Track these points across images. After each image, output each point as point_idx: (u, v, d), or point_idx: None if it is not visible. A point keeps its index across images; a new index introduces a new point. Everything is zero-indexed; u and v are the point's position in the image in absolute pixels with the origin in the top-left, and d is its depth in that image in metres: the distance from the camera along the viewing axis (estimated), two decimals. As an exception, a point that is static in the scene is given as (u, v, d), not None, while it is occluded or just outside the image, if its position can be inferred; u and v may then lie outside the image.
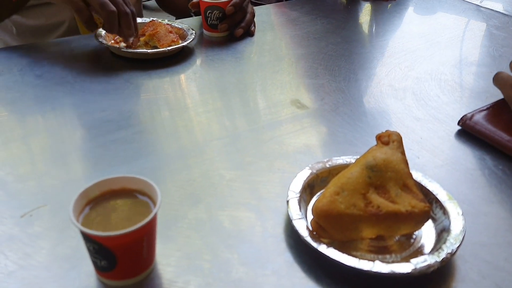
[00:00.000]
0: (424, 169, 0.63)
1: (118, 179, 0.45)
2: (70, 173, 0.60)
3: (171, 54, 0.91)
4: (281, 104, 0.80)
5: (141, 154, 0.64)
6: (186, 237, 0.51)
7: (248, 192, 0.58)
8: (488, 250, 0.51)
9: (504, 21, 1.24)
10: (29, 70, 0.84)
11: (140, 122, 0.72)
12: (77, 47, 0.94)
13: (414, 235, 0.53)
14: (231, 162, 0.64)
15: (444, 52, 1.03)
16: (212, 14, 0.99)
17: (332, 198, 0.49)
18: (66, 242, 0.49)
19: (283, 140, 0.69)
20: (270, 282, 0.47)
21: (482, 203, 0.59)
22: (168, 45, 0.90)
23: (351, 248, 0.51)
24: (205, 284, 0.46)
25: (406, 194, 0.51)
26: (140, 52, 0.88)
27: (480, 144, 0.70)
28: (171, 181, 0.59)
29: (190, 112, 0.76)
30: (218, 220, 0.54)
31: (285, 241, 0.52)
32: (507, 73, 0.74)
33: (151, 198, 0.45)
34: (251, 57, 0.98)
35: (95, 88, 0.79)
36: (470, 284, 0.47)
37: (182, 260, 0.48)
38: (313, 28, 1.13)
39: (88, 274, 0.46)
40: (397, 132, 0.57)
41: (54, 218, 0.52)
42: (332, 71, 0.91)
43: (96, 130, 0.69)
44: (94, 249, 0.41)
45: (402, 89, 0.86)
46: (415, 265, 0.46)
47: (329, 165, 0.60)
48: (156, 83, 0.84)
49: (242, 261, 0.49)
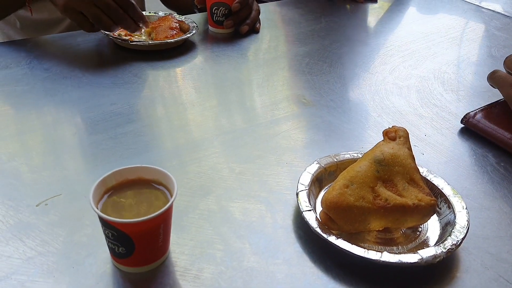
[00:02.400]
0: (428, 165, 0.65)
1: (134, 169, 0.47)
2: (83, 164, 0.62)
3: (171, 47, 0.93)
4: (288, 100, 0.81)
5: (151, 147, 0.65)
6: (199, 227, 0.52)
7: (257, 185, 0.60)
8: (491, 243, 0.53)
9: (505, 22, 1.26)
10: (38, 63, 0.85)
11: (150, 116, 0.73)
12: (83, 41, 0.95)
13: (420, 228, 0.54)
14: (240, 156, 0.65)
15: (446, 52, 1.05)
16: (218, 10, 1.00)
17: (341, 191, 0.51)
18: (82, 230, 0.50)
19: (290, 135, 0.70)
20: (282, 271, 0.48)
21: (485, 198, 0.60)
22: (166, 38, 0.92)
23: (359, 240, 0.52)
24: (218, 272, 0.47)
25: (413, 188, 0.52)
26: (140, 43, 0.90)
27: (482, 142, 0.72)
28: (182, 173, 0.61)
29: (197, 107, 0.77)
30: (229, 211, 0.55)
31: (294, 232, 0.53)
32: (503, 71, 0.75)
33: (167, 187, 0.46)
34: (257, 53, 0.99)
35: (103, 82, 0.80)
36: (474, 275, 0.49)
37: (196, 249, 0.49)
38: (317, 26, 1.15)
39: (104, 261, 0.47)
40: (403, 128, 0.58)
41: (69, 207, 0.53)
42: (336, 69, 0.93)
43: (106, 123, 0.70)
44: (113, 236, 0.43)
45: (406, 87, 0.87)
46: (422, 255, 0.47)
47: (336, 159, 0.61)
48: (164, 78, 0.85)
49: (253, 250, 0.50)
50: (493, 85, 0.75)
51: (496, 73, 0.75)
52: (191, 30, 0.97)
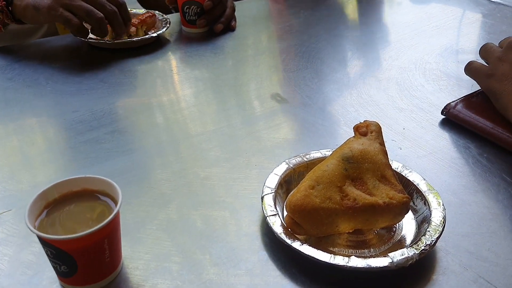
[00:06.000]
0: (406, 160, 0.61)
1: (77, 180, 0.43)
2: (39, 176, 0.58)
3: (136, 46, 0.91)
4: (261, 99, 0.77)
5: (112, 155, 0.62)
6: (156, 238, 0.49)
7: (223, 190, 0.56)
8: (471, 241, 0.49)
9: (491, 8, 1.22)
10: (0, 73, 0.82)
11: (113, 122, 0.69)
12: (51, 48, 0.92)
13: (394, 228, 0.51)
14: (207, 159, 0.62)
15: (429, 41, 1.01)
16: (190, 9, 0.97)
17: (306, 192, 0.47)
18: (30, 248, 0.47)
19: (261, 135, 0.67)
20: (243, 282, 0.44)
21: (466, 193, 0.57)
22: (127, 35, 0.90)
23: (329, 244, 0.49)
24: (174, 287, 0.44)
25: (384, 185, 0.49)
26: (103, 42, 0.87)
27: (464, 133, 0.68)
28: (143, 181, 0.57)
29: (166, 110, 0.74)
30: (191, 220, 0.52)
31: (260, 239, 0.50)
32: (478, 62, 0.72)
33: (113, 198, 0.43)
34: (231, 52, 0.95)
35: (67, 89, 0.77)
36: (451, 276, 0.45)
37: (151, 263, 0.46)
38: (295, 21, 1.11)
39: (51, 280, 0.44)
40: (375, 122, 0.55)
41: (19, 223, 0.50)
42: (313, 64, 0.89)
43: (67, 131, 0.66)
44: (52, 254, 0.39)
45: (385, 79, 0.84)
46: (393, 258, 0.43)
47: (306, 158, 0.57)
48: (132, 81, 0.82)
49: (214, 261, 0.46)
50: (470, 77, 0.72)
51: (471, 64, 0.73)
52: (160, 28, 0.94)
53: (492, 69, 0.68)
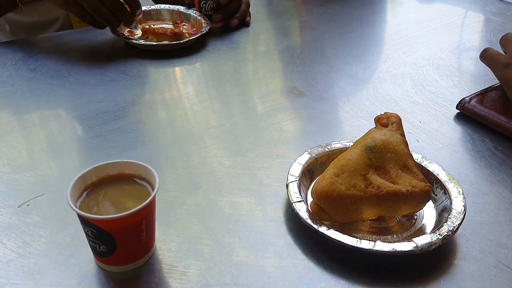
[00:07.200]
0: (424, 152, 0.63)
1: (115, 164, 0.45)
2: (67, 163, 0.60)
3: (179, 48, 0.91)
4: (279, 92, 0.79)
5: (138, 144, 0.64)
6: (186, 222, 0.51)
7: (247, 178, 0.58)
8: (489, 228, 0.51)
9: (501, 7, 1.24)
10: (23, 64, 0.83)
11: (137, 112, 0.71)
12: (70, 41, 0.93)
13: (415, 216, 0.53)
14: (229, 149, 0.63)
15: (441, 38, 1.03)
16: (207, 4, 0.98)
17: (332, 180, 0.49)
18: (65, 230, 0.49)
19: (281, 127, 0.69)
20: (272, 264, 0.46)
21: (483, 183, 0.58)
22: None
23: (352, 230, 0.50)
24: (206, 268, 0.45)
25: (407, 174, 0.51)
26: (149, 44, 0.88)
27: (479, 126, 0.70)
28: (169, 169, 0.59)
29: (186, 102, 0.75)
30: (218, 205, 0.53)
31: (285, 224, 0.51)
32: (495, 50, 0.73)
33: (149, 182, 0.44)
34: (247, 46, 0.97)
35: (90, 81, 0.79)
36: (472, 261, 0.47)
37: (182, 245, 0.48)
38: (309, 17, 1.13)
39: (87, 260, 0.45)
40: (396, 114, 0.56)
41: (53, 207, 0.52)
42: (328, 59, 0.91)
43: (92, 121, 0.68)
44: (93, 234, 0.41)
45: (400, 74, 0.85)
46: (417, 243, 0.45)
47: (328, 149, 0.59)
48: (152, 74, 0.83)
49: (243, 244, 0.48)
50: (485, 64, 0.73)
51: (488, 51, 0.73)
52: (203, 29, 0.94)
53: (510, 58, 0.69)
